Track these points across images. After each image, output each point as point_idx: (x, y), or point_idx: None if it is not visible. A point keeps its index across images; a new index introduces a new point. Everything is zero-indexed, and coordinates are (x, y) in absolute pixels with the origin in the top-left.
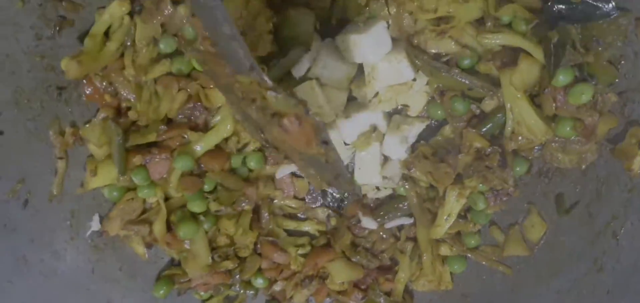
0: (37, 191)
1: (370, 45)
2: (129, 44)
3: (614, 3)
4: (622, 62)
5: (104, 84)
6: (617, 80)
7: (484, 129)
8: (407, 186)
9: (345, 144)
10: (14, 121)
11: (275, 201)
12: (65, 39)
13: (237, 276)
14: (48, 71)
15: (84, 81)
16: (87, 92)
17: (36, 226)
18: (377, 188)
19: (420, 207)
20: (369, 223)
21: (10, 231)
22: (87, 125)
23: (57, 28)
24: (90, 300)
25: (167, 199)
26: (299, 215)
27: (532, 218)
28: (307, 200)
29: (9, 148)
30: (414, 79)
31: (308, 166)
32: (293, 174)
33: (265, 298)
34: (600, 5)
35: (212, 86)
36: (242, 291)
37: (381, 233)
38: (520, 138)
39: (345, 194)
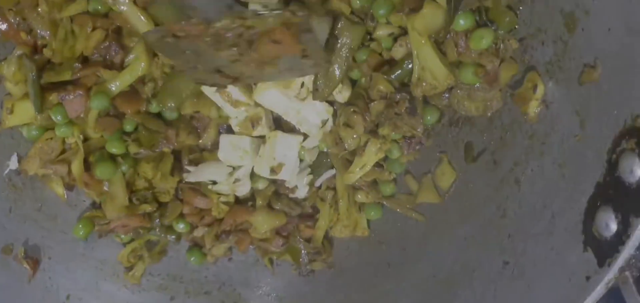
0: None
1: None
2: None
3: None
4: (521, 7)
5: (18, 19)
6: (517, 26)
7: (394, 76)
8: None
9: None
10: None
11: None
12: None
13: (157, 220)
14: None
15: None
16: (2, 28)
17: None
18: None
19: (340, 157)
20: (301, 190)
21: None
22: (2, 62)
23: None
24: (6, 238)
25: (86, 140)
26: None
27: (443, 167)
28: None
29: None
30: None
31: (281, 71)
32: None
33: (187, 244)
34: None
35: (128, 25)
36: (163, 235)
37: None
38: (424, 83)
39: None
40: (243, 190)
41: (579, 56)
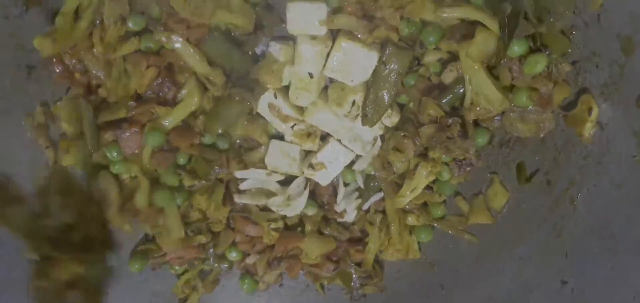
0: (7, 170)
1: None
2: (98, 22)
3: None
4: (574, 32)
5: (74, 62)
6: (569, 50)
7: (444, 101)
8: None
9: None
10: None
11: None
12: (33, 18)
13: (211, 250)
14: (17, 50)
15: (54, 59)
16: (58, 71)
17: None
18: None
19: (388, 180)
20: (350, 215)
21: None
22: (59, 103)
23: (25, 7)
24: None
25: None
26: None
27: (494, 187)
28: None
29: None
30: None
31: None
32: None
33: (239, 272)
34: None
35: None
36: (216, 264)
37: None
38: (478, 108)
39: None
40: (296, 208)
41: (637, 78)
